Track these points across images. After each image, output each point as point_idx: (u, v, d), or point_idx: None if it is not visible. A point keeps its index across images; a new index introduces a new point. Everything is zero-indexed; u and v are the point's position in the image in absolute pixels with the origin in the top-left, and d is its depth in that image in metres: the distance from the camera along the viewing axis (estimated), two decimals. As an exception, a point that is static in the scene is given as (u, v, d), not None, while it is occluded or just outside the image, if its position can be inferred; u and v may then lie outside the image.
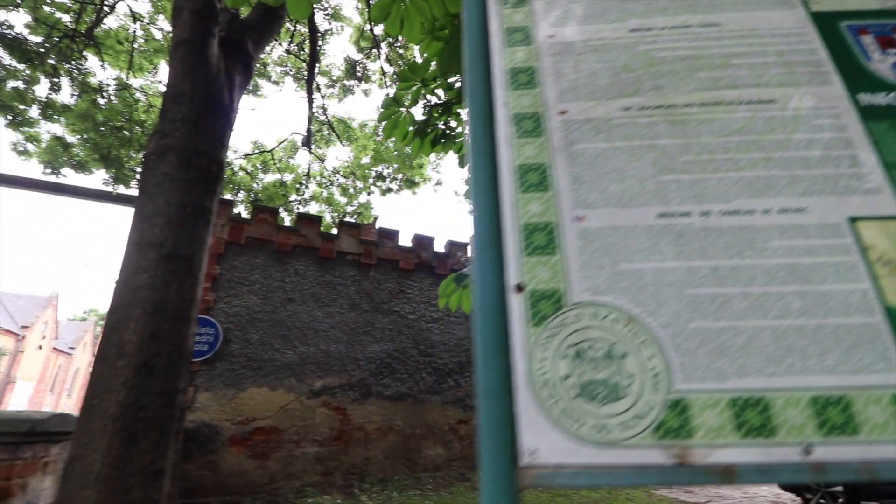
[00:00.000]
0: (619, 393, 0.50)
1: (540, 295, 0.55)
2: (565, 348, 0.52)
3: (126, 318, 2.24)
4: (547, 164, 0.62)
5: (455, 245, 9.35)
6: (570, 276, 0.56)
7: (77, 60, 7.50)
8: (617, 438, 0.48)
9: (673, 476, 0.47)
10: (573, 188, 0.61)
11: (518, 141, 0.64)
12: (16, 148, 7.75)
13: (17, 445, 2.26)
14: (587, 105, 0.67)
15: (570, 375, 0.51)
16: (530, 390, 0.50)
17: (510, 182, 0.61)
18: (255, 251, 7.39)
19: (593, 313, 0.54)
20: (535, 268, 0.56)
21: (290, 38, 8.07)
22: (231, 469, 6.16)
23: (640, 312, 0.53)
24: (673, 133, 0.64)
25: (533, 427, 0.49)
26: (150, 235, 2.42)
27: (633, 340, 0.52)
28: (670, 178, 0.61)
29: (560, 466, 0.48)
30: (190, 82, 2.82)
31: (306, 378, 7.07)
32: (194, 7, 2.92)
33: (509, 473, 0.47)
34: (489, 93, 0.68)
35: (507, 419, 0.50)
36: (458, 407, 8.09)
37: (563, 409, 0.50)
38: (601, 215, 0.59)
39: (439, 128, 3.19)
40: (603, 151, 0.63)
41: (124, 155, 7.10)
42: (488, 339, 0.53)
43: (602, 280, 0.55)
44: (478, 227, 0.59)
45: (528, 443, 0.48)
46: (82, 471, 2.03)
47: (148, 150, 2.65)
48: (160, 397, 2.23)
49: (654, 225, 0.58)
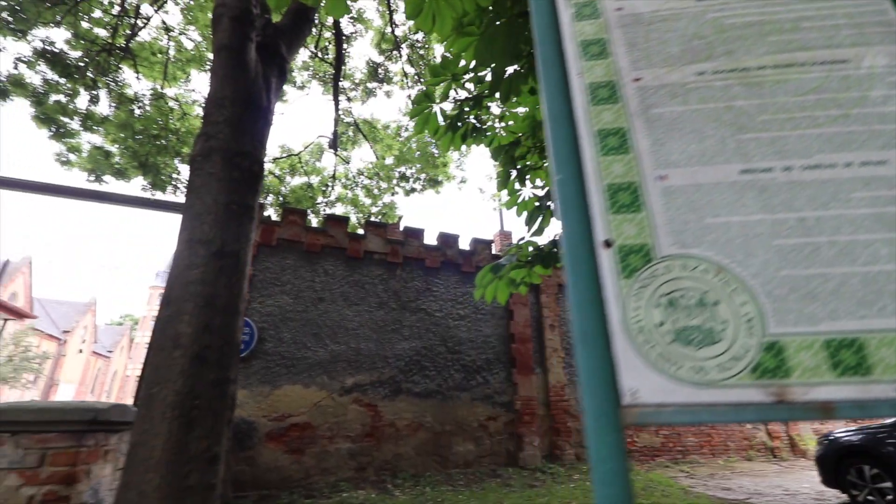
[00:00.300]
0: (714, 337, 0.52)
1: (628, 249, 0.58)
2: (657, 298, 0.55)
3: (180, 311, 2.35)
4: (626, 128, 0.65)
5: (480, 242, 9.36)
6: (656, 232, 0.58)
7: (114, 73, 7.84)
8: (715, 379, 0.50)
9: (772, 413, 0.49)
10: (653, 150, 0.63)
11: (595, 108, 0.67)
12: (59, 158, 8.14)
13: (81, 433, 2.40)
14: (661, 72, 0.69)
15: (664, 322, 0.53)
16: (626, 337, 0.53)
17: (590, 146, 0.64)
18: (285, 252, 7.57)
19: (682, 265, 0.56)
20: (621, 225, 0.59)
21: (316, 43, 8.24)
22: (268, 464, 6.33)
23: (730, 263, 0.55)
24: (748, 94, 0.66)
25: (632, 370, 0.52)
26: (200, 233, 2.52)
27: (725, 289, 0.54)
28: (750, 137, 0.63)
29: (661, 405, 0.50)
30: (231, 86, 2.93)
31: (338, 375, 7.20)
32: (232, 13, 3.03)
33: (612, 412, 0.50)
34: (562, 64, 0.71)
35: (605, 363, 0.52)
36: (487, 404, 8.10)
37: (660, 353, 0.52)
38: (683, 174, 0.61)
39: (469, 122, 3.23)
40: (680, 114, 0.65)
41: (161, 162, 7.39)
42: (581, 291, 0.56)
43: (689, 234, 0.58)
44: (562, 190, 0.62)
45: (628, 384, 0.51)
46: (144, 456, 2.14)
47: (194, 152, 2.77)
48: (213, 387, 2.33)
49: (738, 181, 0.60)
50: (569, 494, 6.17)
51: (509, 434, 8.05)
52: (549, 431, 8.39)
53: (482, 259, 9.12)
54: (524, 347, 8.71)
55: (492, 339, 8.65)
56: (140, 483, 2.08)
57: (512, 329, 8.79)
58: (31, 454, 2.32)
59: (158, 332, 2.37)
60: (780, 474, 8.04)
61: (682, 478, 7.66)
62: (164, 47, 7.62)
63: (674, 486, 6.79)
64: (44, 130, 7.91)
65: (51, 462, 2.32)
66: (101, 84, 7.66)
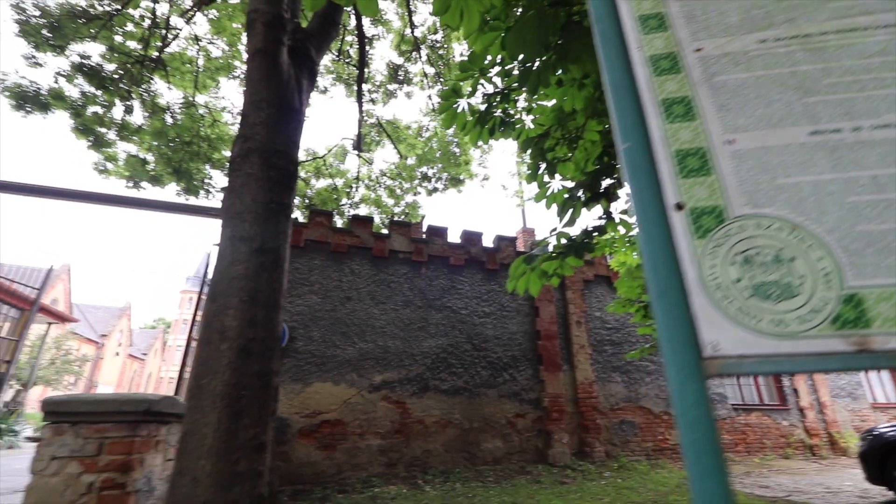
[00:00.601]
0: (793, 291, 0.54)
1: (700, 211, 0.59)
2: (733, 256, 0.56)
3: (226, 306, 2.44)
4: (690, 96, 0.67)
5: (503, 239, 9.35)
6: (728, 193, 0.60)
7: (146, 83, 8.14)
8: (796, 330, 0.52)
9: (854, 361, 0.50)
10: (720, 115, 0.65)
11: (657, 79, 0.69)
12: (97, 167, 8.50)
13: (136, 424, 2.52)
14: (722, 41, 0.70)
15: (741, 279, 0.55)
16: (704, 293, 0.55)
17: (656, 115, 0.66)
18: (313, 253, 7.73)
19: (756, 224, 0.58)
20: (692, 188, 0.61)
21: (339, 47, 8.39)
22: (301, 459, 6.47)
23: (804, 220, 0.57)
24: (812, 59, 0.67)
25: (712, 324, 0.53)
26: (241, 230, 2.62)
27: (800, 245, 0.56)
28: (816, 100, 0.64)
29: (743, 357, 0.52)
30: (266, 89, 3.03)
31: (366, 373, 7.30)
32: (265, 18, 3.13)
33: (694, 363, 0.52)
34: (621, 38, 0.73)
35: (684, 318, 0.54)
36: (514, 401, 8.09)
37: (739, 307, 0.54)
38: (752, 137, 0.63)
39: (497, 116, 3.25)
40: (744, 81, 0.67)
41: (193, 167, 7.64)
42: (654, 252, 0.58)
43: (761, 194, 0.59)
44: (629, 158, 0.64)
45: (709, 337, 0.53)
46: (196, 444, 2.23)
47: (233, 154, 2.87)
48: (258, 378, 2.42)
49: (807, 142, 0.61)
50: (601, 491, 6.11)
51: (537, 431, 8.02)
52: (578, 429, 8.31)
53: (506, 256, 9.11)
54: (551, 344, 8.66)
55: (518, 336, 8.63)
56: (194, 469, 2.17)
57: (538, 326, 8.75)
58: (90, 443, 2.45)
59: (206, 326, 2.47)
60: (821, 472, 7.78)
61: (716, 475, 7.49)
62: (194, 57, 7.87)
63: (709, 484, 6.64)
64: (82, 141, 8.28)
65: (108, 451, 2.45)
66: (134, 94, 7.97)
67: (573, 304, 9.23)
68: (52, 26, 7.67)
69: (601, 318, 9.45)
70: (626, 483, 6.62)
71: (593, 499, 5.64)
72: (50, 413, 2.50)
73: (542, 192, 3.24)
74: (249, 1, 3.23)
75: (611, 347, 9.23)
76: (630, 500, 5.50)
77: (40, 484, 2.40)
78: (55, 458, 2.41)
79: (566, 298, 9.26)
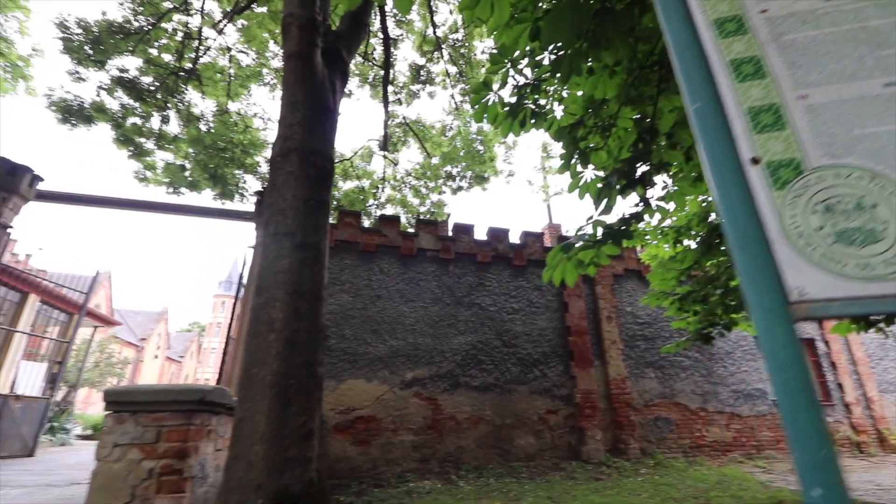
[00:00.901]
0: (876, 236, 0.54)
1: (777, 164, 0.61)
2: (813, 205, 0.58)
3: (272, 299, 2.54)
4: (759, 55, 0.68)
5: (530, 235, 9.30)
6: (804, 146, 0.61)
7: (181, 94, 8.46)
8: (882, 273, 0.53)
9: (945, 302, 0.51)
10: (790, 72, 0.66)
11: (724, 41, 0.70)
12: (137, 176, 8.89)
13: (191, 413, 2.65)
14: (787, 2, 0.71)
15: (823, 227, 0.56)
16: (786, 241, 0.56)
17: (725, 76, 0.67)
18: (343, 253, 7.87)
19: (835, 174, 0.59)
20: (766, 143, 0.62)
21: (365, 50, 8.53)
22: (337, 454, 6.61)
23: (883, 169, 0.57)
24: (882, 15, 0.67)
25: (796, 270, 0.55)
26: (284, 227, 2.71)
27: (882, 192, 0.56)
28: (889, 53, 0.64)
29: (829, 300, 0.53)
30: (302, 90, 3.12)
31: (398, 370, 7.39)
32: (300, 22, 3.23)
33: (781, 308, 0.54)
34: (683, 3, 0.75)
35: (768, 266, 0.56)
36: (545, 397, 8.03)
37: (823, 253, 0.55)
38: (825, 92, 0.63)
39: (528, 107, 3.25)
40: (814, 38, 0.67)
41: (228, 173, 7.91)
42: (731, 205, 0.60)
43: (838, 146, 0.60)
44: (700, 117, 0.66)
45: (794, 283, 0.54)
46: (250, 430, 2.33)
47: (273, 153, 2.97)
48: (304, 368, 2.50)
49: (881, 94, 0.61)
50: (638, 487, 6.01)
51: (570, 428, 7.94)
52: (612, 425, 8.19)
53: (533, 252, 9.06)
54: (581, 340, 8.57)
55: (547, 332, 8.57)
56: (248, 454, 2.26)
57: (568, 321, 8.67)
58: (148, 431, 2.59)
59: (253, 318, 2.57)
60: (870, 469, 7.44)
61: (757, 473, 7.26)
62: (225, 67, 8.15)
63: (751, 481, 6.45)
64: (123, 151, 8.68)
65: (166, 438, 2.58)
66: (170, 105, 8.31)
67: (603, 299, 9.11)
68: (93, 42, 8.06)
69: (632, 312, 9.29)
70: (663, 480, 6.49)
71: (630, 495, 5.56)
72: (111, 403, 2.64)
73: (574, 181, 3.22)
74: (284, 5, 3.34)
75: (643, 343, 9.06)
76: (669, 496, 5.40)
77: (104, 469, 2.55)
78: (117, 445, 2.56)
79: (596, 293, 9.14)
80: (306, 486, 2.30)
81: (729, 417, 8.83)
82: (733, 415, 8.88)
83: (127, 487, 2.50)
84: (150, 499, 2.48)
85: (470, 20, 2.85)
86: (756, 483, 6.29)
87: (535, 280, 8.94)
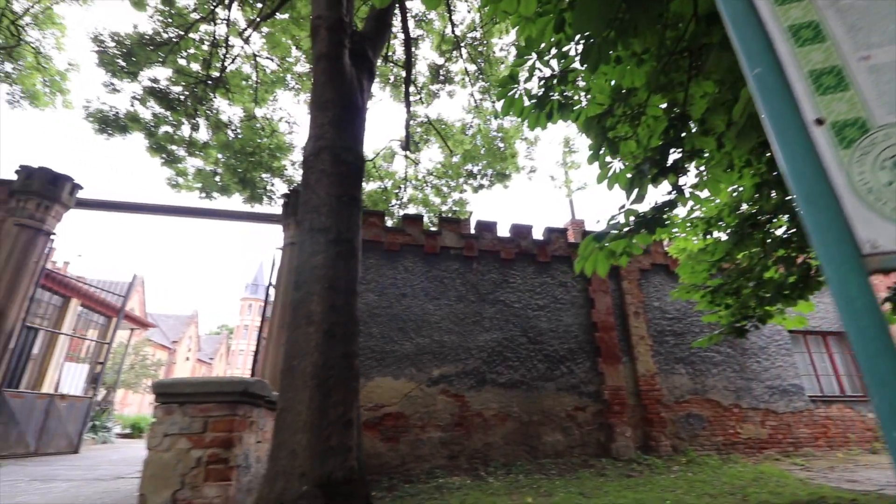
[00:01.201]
0: (948, 189, 0.55)
1: (842, 124, 0.62)
2: (882, 161, 0.58)
3: (310, 293, 2.61)
4: (817, 20, 0.69)
5: (553, 231, 9.24)
6: (868, 105, 0.62)
7: (209, 102, 8.73)
8: (957, 224, 0.53)
9: None
10: (850, 35, 0.66)
11: (780, 7, 0.71)
12: (170, 182, 9.20)
13: (235, 404, 2.75)
14: (844, -34, 0.71)
15: (892, 182, 0.57)
16: (856, 197, 0.57)
17: (783, 41, 0.69)
18: (368, 252, 7.98)
19: (903, 131, 0.59)
20: (830, 104, 0.63)
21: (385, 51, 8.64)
22: (367, 451, 6.70)
23: (954, 124, 0.58)
24: (945, -27, 0.67)
25: (868, 224, 0.56)
26: (319, 223, 2.79)
27: (954, 146, 0.57)
28: (954, 11, 0.64)
29: (903, 251, 0.54)
30: (331, 90, 3.20)
31: (424, 367, 7.45)
32: (328, 24, 3.31)
33: (854, 260, 0.55)
34: (737, -24, 0.76)
35: (838, 220, 0.57)
36: (573, 394, 7.97)
37: (894, 207, 0.56)
38: (887, 52, 0.64)
39: (554, 99, 3.26)
40: (872, 2, 0.68)
41: (256, 177, 8.13)
42: (797, 164, 0.61)
43: (905, 103, 0.60)
44: (761, 82, 0.67)
45: (866, 236, 0.55)
46: (293, 419, 2.40)
47: (306, 153, 3.06)
48: (342, 359, 2.56)
49: (947, 51, 0.62)
50: (671, 484, 5.91)
51: (599, 424, 7.86)
52: (642, 422, 8.07)
53: (557, 248, 9.00)
54: (608, 336, 8.46)
55: (573, 329, 8.50)
56: (291, 443, 2.34)
57: (594, 317, 8.58)
58: (196, 421, 2.69)
59: (293, 312, 2.64)
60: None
61: (795, 470, 7.04)
62: (251, 74, 8.37)
63: (789, 478, 6.26)
64: (156, 158, 9.00)
65: (212, 428, 2.68)
66: (200, 113, 8.58)
67: (630, 294, 8.98)
68: (126, 55, 8.39)
69: (660, 307, 9.13)
70: (697, 477, 6.37)
71: (664, 491, 5.47)
72: (160, 395, 2.77)
73: (603, 172, 3.21)
74: (312, 8, 3.42)
75: (672, 338, 8.89)
76: (704, 493, 5.30)
77: (155, 458, 2.67)
78: (167, 434, 2.67)
79: (622, 289, 9.01)
80: (348, 474, 2.36)
81: (764, 414, 8.59)
82: (768, 411, 8.63)
83: (177, 475, 2.61)
84: (199, 486, 2.58)
85: (493, 14, 2.87)
86: (794, 480, 6.11)
87: (559, 276, 8.88)
